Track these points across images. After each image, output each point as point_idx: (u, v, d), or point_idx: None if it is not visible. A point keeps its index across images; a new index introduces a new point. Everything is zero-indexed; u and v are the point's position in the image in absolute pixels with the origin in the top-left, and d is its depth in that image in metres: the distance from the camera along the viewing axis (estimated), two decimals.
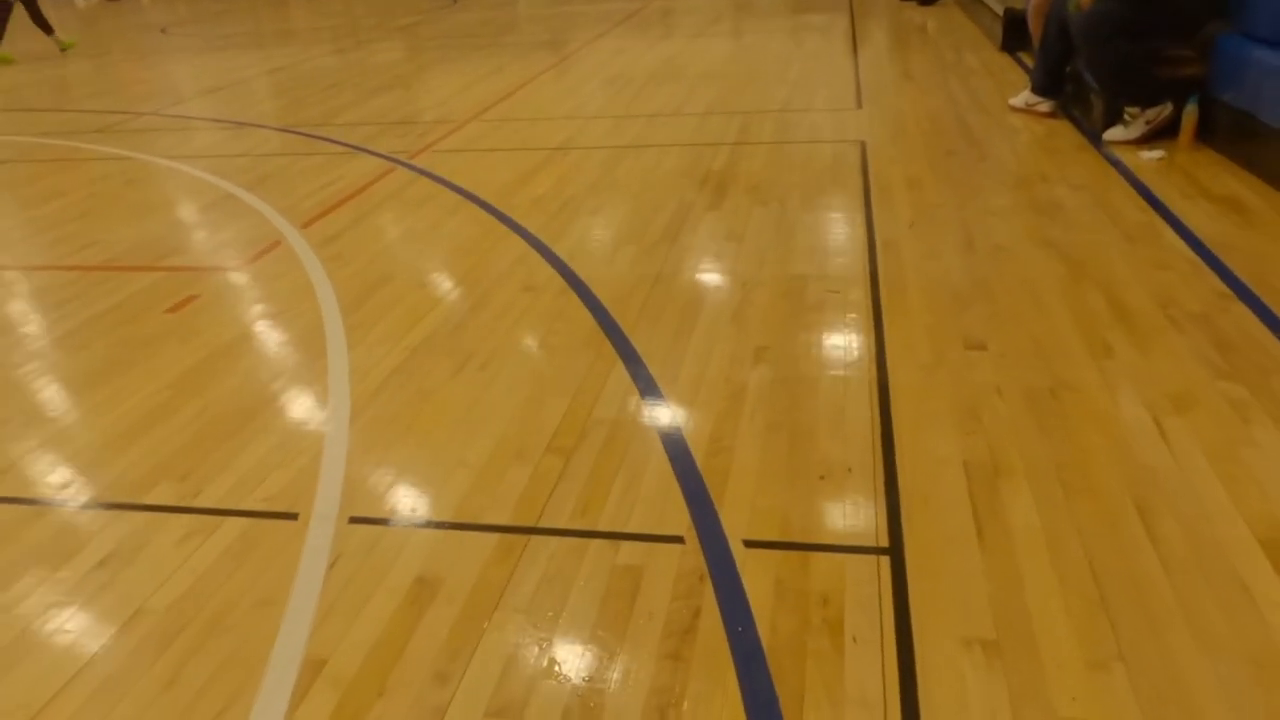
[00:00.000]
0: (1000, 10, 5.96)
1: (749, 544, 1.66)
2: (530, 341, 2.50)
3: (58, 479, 2.03)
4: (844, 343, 2.37)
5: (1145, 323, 2.35)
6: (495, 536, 1.73)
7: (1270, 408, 1.95)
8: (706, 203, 3.52)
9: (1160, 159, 3.61)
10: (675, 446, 1.97)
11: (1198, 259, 2.71)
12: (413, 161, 4.39)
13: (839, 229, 3.16)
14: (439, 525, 1.77)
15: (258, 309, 2.84)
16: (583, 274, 2.91)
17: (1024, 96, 4.47)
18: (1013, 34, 5.71)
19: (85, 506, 1.91)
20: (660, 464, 1.91)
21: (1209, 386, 2.04)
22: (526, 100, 5.64)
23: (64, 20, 12.77)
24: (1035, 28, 4.58)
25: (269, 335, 2.66)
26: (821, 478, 1.83)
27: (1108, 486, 1.74)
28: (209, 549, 1.75)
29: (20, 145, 5.44)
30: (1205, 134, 3.71)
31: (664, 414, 2.09)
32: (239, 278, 3.12)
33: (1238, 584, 1.48)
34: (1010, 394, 2.07)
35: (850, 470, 1.85)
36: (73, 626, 1.58)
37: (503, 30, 9.12)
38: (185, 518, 1.85)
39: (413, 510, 1.82)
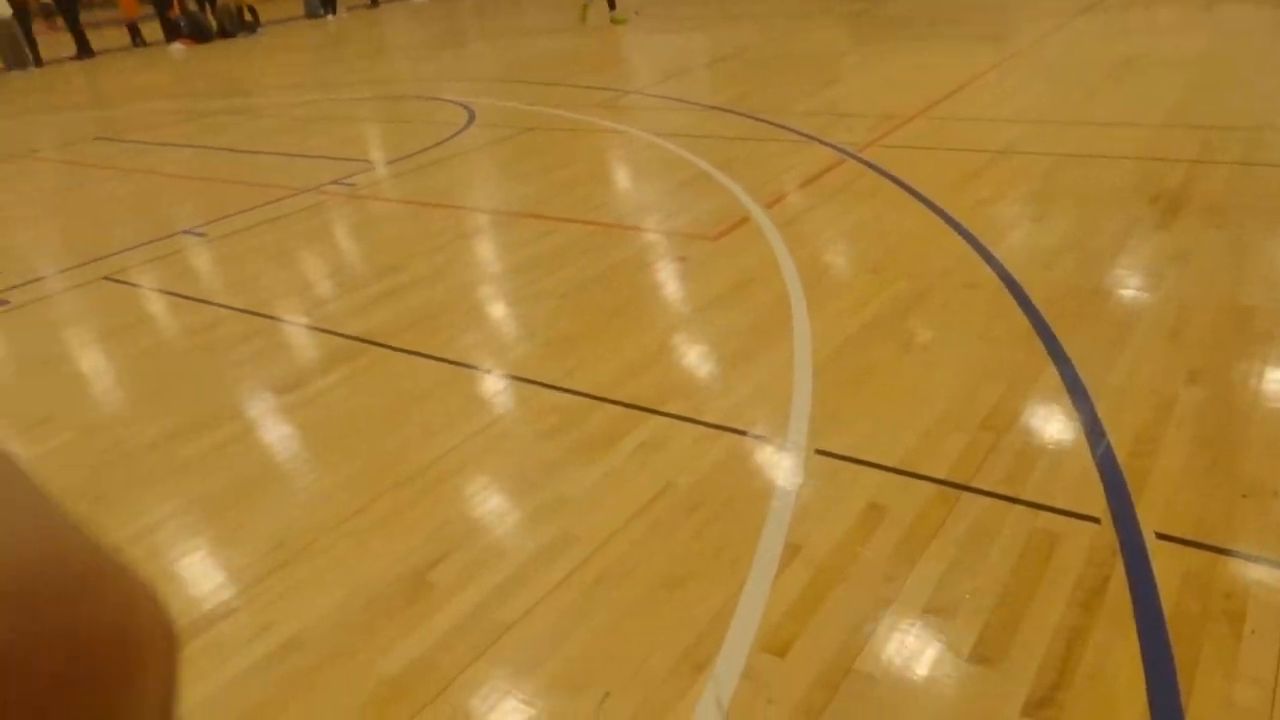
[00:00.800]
0: None
1: (1161, 536, 1.92)
2: (968, 332, 2.85)
3: (598, 386, 2.78)
4: None
5: None
6: (933, 487, 2.15)
7: None
8: (1155, 220, 3.57)
9: None
10: (1098, 441, 2.24)
11: None
12: (862, 154, 4.84)
13: None
14: (887, 469, 2.23)
15: (734, 275, 3.48)
16: (1020, 278, 3.18)
17: None
18: None
19: (624, 406, 2.64)
20: (1082, 454, 2.20)
21: None
22: (972, 98, 5.82)
23: None
24: None
25: (747, 296, 3.28)
26: (1244, 496, 2.01)
27: None
28: (713, 453, 2.37)
29: (542, 115, 6.72)
30: None
31: (1088, 412, 2.36)
32: (718, 246, 3.79)
33: None
34: None
35: (1278, 495, 2.01)
36: (620, 492, 2.27)
37: (948, 21, 9.20)
38: (691, 427, 2.50)
39: (865, 453, 2.30)
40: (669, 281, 3.53)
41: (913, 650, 1.69)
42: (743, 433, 2.44)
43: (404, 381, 2.94)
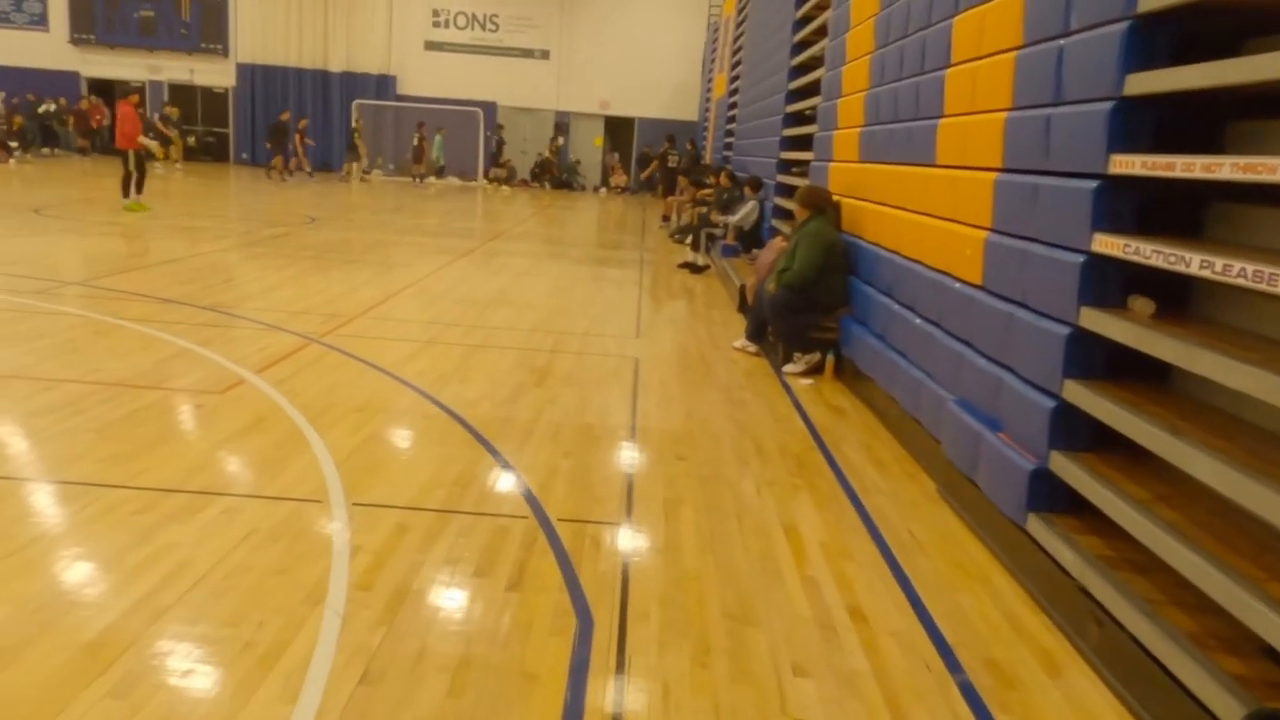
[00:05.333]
0: (738, 284, 8.60)
1: (561, 519, 3.49)
2: (433, 440, 4.28)
3: (170, 482, 3.57)
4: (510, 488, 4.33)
5: (770, 455, 4.47)
6: (433, 514, 3.47)
7: (810, 486, 4.05)
8: (534, 382, 5.49)
9: (810, 384, 5.97)
10: (521, 481, 3.80)
11: (806, 432, 4.93)
12: (322, 339, 6.14)
13: (612, 401, 5.20)
14: (401, 507, 3.50)
15: (250, 415, 4.46)
16: (460, 412, 4.75)
17: (742, 341, 6.87)
18: (744, 301, 8.29)
19: (200, 493, 3.48)
20: (514, 489, 3.73)
21: (788, 479, 4.14)
22: (399, 305, 7.55)
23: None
24: (750, 299, 7.07)
25: (268, 428, 4.29)
26: (597, 498, 3.71)
27: None
28: (282, 510, 3.38)
29: None
30: (838, 371, 6.14)
31: (512, 471, 3.93)
32: (225, 398, 4.71)
33: None
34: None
35: (594, 487, 3.75)
36: (221, 534, 3.17)
37: (365, 249, 11.10)
38: (258, 500, 3.47)
39: (386, 500, 3.53)
40: (195, 419, 4.36)
41: (449, 581, 2.97)
42: (300, 500, 3.50)
43: None
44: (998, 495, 3.44)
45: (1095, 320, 3.01)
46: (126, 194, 12.95)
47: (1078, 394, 3.04)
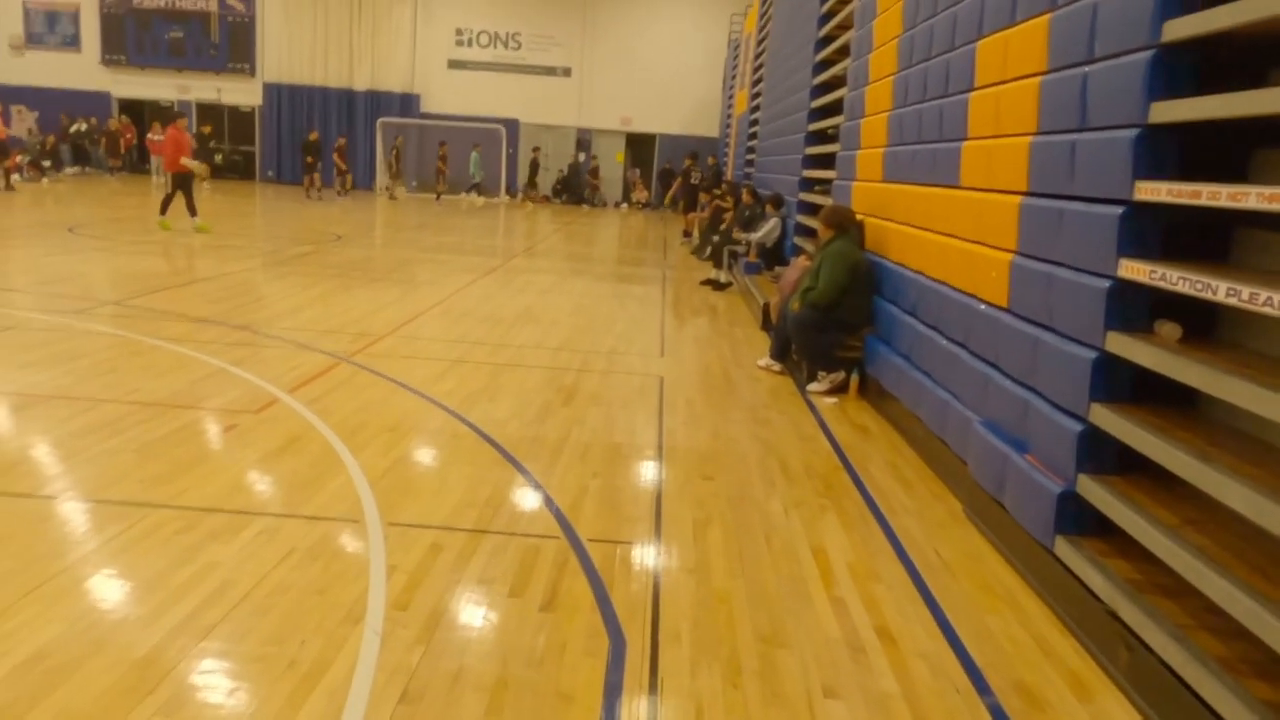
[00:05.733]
0: (761, 302, 8.65)
1: (591, 540, 3.54)
2: (463, 459, 4.35)
3: (211, 501, 3.66)
4: (643, 430, 4.39)
5: (797, 475, 4.50)
6: (465, 533, 3.53)
7: (837, 507, 4.08)
8: (561, 401, 5.56)
9: (835, 403, 6.00)
10: (550, 502, 3.85)
11: (832, 451, 4.96)
12: (352, 359, 6.23)
13: (638, 420, 5.25)
14: (435, 527, 3.56)
15: (284, 435, 4.54)
16: (489, 432, 4.82)
17: (765, 360, 6.91)
18: (767, 319, 8.33)
19: (239, 513, 3.56)
20: (544, 509, 3.79)
21: (815, 500, 4.17)
22: (426, 325, 7.65)
23: None
24: (774, 318, 7.12)
25: (301, 448, 4.37)
26: (628, 519, 3.76)
27: None
28: (319, 530, 3.46)
29: (13, 317, 6.85)
30: (862, 390, 6.17)
31: (542, 491, 3.98)
32: (260, 418, 4.81)
33: None
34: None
35: (629, 504, 3.79)
36: (263, 551, 3.24)
37: (391, 267, 11.24)
38: (296, 520, 3.54)
39: (420, 521, 3.60)
40: (231, 439, 4.46)
41: (483, 601, 3.03)
42: (336, 519, 3.57)
43: (6, 519, 3.44)
44: (1025, 517, 3.46)
45: (1122, 345, 3.03)
46: (164, 211, 13.17)
47: (1105, 418, 3.07)
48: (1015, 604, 3.28)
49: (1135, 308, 3.09)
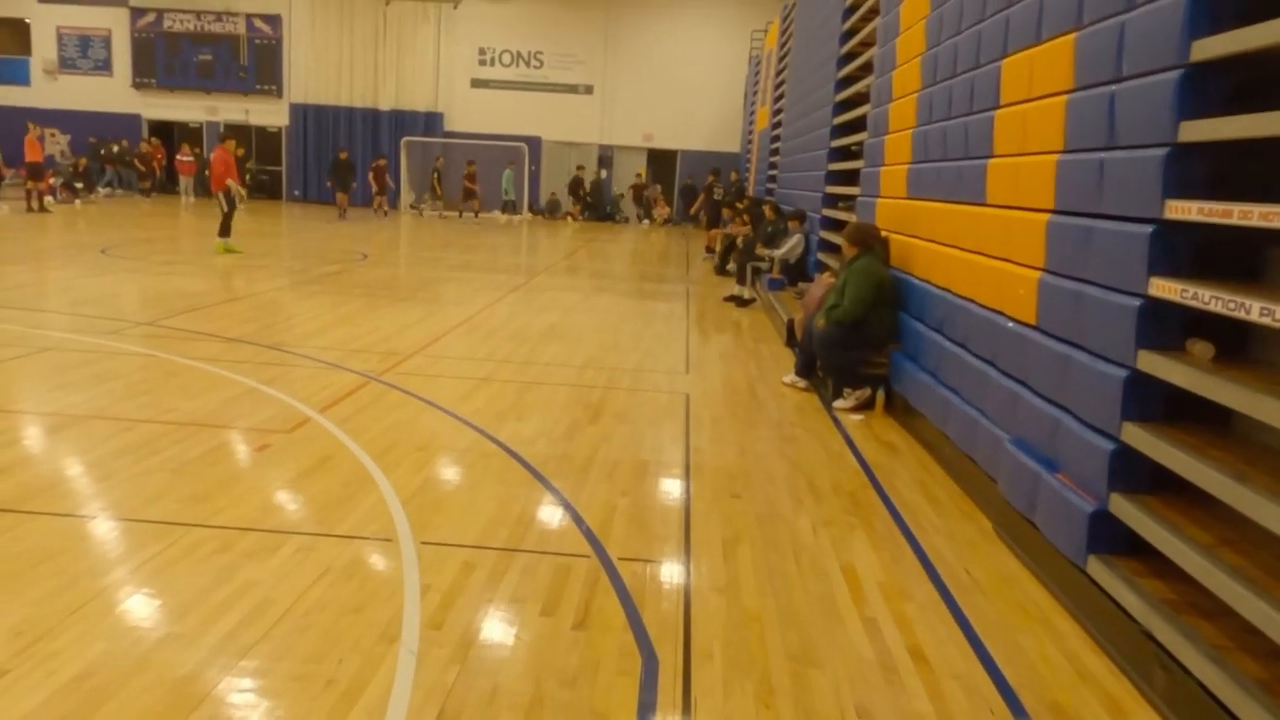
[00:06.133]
0: (786, 318, 8.66)
1: (621, 559, 3.56)
2: (492, 478, 4.39)
3: (246, 520, 3.71)
4: (671, 448, 4.41)
5: (825, 493, 4.51)
6: (496, 551, 3.56)
7: (866, 525, 4.08)
8: (588, 420, 5.59)
9: (861, 420, 5.99)
10: (580, 521, 3.88)
11: (859, 468, 4.96)
12: (381, 378, 6.30)
13: (665, 437, 5.27)
14: (467, 546, 3.59)
15: (316, 455, 4.60)
16: (518, 450, 4.86)
17: (791, 376, 6.92)
18: (791, 335, 8.34)
19: (272, 532, 3.62)
20: (572, 527, 3.81)
21: (844, 518, 4.17)
22: (453, 343, 7.72)
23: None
24: (799, 335, 7.13)
25: (333, 467, 4.43)
26: (656, 536, 3.78)
27: None
28: (353, 548, 3.50)
29: (50, 338, 6.99)
30: (888, 407, 6.16)
31: (571, 510, 4.01)
32: (292, 437, 4.87)
33: None
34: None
35: (644, 521, 3.81)
36: (299, 570, 3.29)
37: (417, 286, 11.35)
38: (330, 539, 3.59)
39: (452, 540, 3.64)
40: (265, 458, 4.52)
41: (517, 620, 3.06)
42: (370, 538, 3.62)
43: (49, 538, 3.51)
44: (1057, 536, 3.45)
45: (1154, 364, 3.03)
46: (223, 233, 13.28)
47: (1138, 437, 3.06)
48: (1048, 624, 3.26)
49: (1167, 326, 3.09)
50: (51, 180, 20.54)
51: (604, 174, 27.45)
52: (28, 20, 27.23)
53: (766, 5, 24.39)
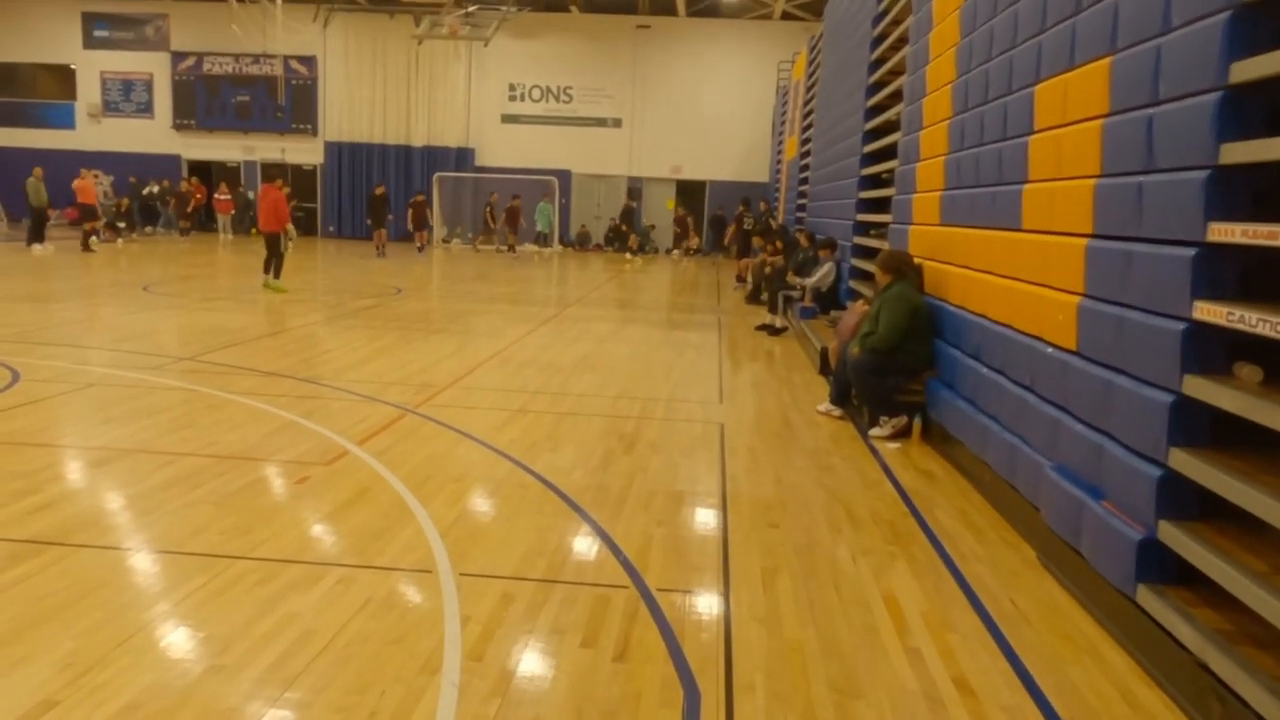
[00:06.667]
0: (819, 346, 8.63)
1: (660, 589, 3.55)
2: (530, 508, 4.40)
3: (287, 553, 3.74)
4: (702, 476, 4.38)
5: (863, 521, 4.46)
6: (534, 583, 3.56)
7: (906, 554, 4.03)
8: (623, 450, 5.59)
9: (898, 448, 5.94)
10: (618, 551, 3.87)
11: (897, 497, 4.91)
12: (417, 410, 6.35)
13: (700, 467, 5.26)
14: (504, 577, 3.59)
15: (355, 487, 4.64)
16: (554, 480, 4.87)
17: (825, 405, 6.88)
18: (825, 363, 8.30)
19: (316, 564, 3.64)
20: (610, 558, 3.80)
21: (884, 547, 4.13)
22: (487, 375, 7.77)
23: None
24: (833, 363, 7.10)
25: (371, 499, 4.46)
26: (692, 567, 3.76)
27: None
28: (392, 579, 3.51)
29: (95, 374, 7.13)
30: (925, 435, 6.10)
31: (607, 540, 4.00)
32: (332, 469, 4.92)
33: None
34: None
35: (683, 551, 3.79)
36: (341, 600, 3.31)
37: (451, 319, 11.47)
38: (368, 570, 3.61)
39: (490, 571, 3.64)
40: (305, 491, 4.57)
41: (557, 652, 3.05)
42: (409, 570, 3.63)
43: (96, 571, 3.56)
44: (1104, 565, 3.39)
45: (1200, 388, 2.98)
46: (268, 271, 13.40)
47: (1186, 463, 3.01)
48: (1098, 655, 3.19)
49: (1212, 350, 3.04)
50: (98, 222, 21.05)
51: (634, 205, 27.62)
52: (73, 66, 28.07)
53: (793, 36, 24.59)
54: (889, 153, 9.09)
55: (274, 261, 13.43)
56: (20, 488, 4.41)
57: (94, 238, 19.55)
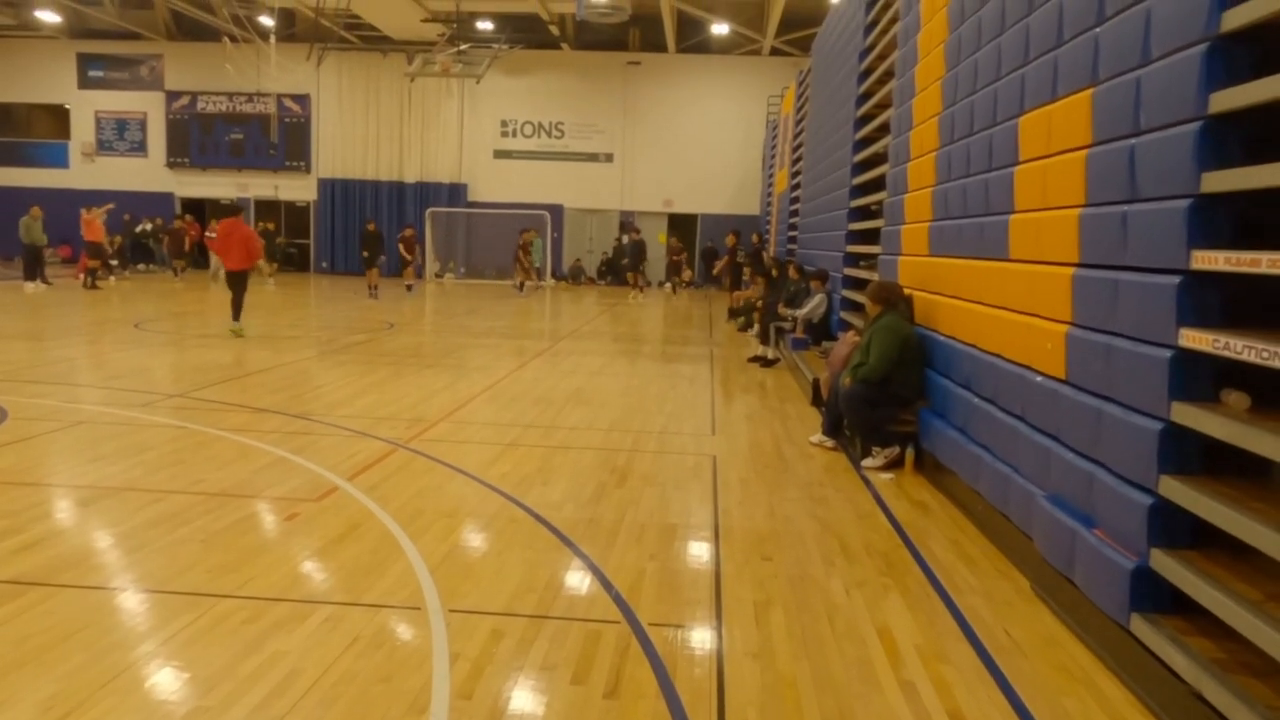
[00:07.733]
0: (811, 378, 8.63)
1: (652, 624, 3.51)
2: (519, 543, 4.36)
3: (275, 590, 3.70)
4: (693, 515, 4.35)
5: (857, 554, 4.43)
6: (524, 619, 3.52)
7: (900, 586, 4.00)
8: (615, 483, 5.56)
9: (891, 479, 5.92)
10: (609, 587, 3.83)
11: (891, 528, 4.88)
12: (408, 445, 6.32)
13: (693, 500, 5.23)
14: (495, 614, 3.55)
15: (344, 523, 4.61)
16: (544, 515, 4.83)
17: (818, 436, 6.87)
18: (817, 395, 8.30)
19: (304, 602, 3.60)
20: (601, 592, 3.77)
21: (877, 579, 4.10)
22: (478, 409, 7.75)
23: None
24: (825, 394, 7.10)
25: (360, 535, 4.42)
26: (688, 601, 3.73)
27: None
28: (381, 616, 3.47)
29: (85, 411, 7.09)
30: (918, 465, 6.09)
31: (599, 574, 3.97)
32: (321, 506, 4.88)
33: None
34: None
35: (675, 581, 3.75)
36: (329, 638, 3.26)
37: (443, 353, 11.45)
38: (357, 608, 3.56)
39: (480, 607, 3.60)
40: (293, 527, 4.53)
41: (547, 689, 3.01)
42: (398, 607, 3.59)
43: (80, 611, 3.52)
44: (1097, 594, 3.37)
45: (1188, 415, 2.98)
46: (238, 317, 12.23)
47: (1176, 491, 3.00)
48: (1093, 685, 3.16)
49: (1199, 377, 3.05)
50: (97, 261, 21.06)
51: (625, 240, 27.72)
52: (68, 106, 28.26)
53: (782, 71, 24.89)
54: (878, 185, 9.17)
55: (239, 302, 12.25)
56: (4, 527, 4.36)
57: (96, 275, 19.62)
